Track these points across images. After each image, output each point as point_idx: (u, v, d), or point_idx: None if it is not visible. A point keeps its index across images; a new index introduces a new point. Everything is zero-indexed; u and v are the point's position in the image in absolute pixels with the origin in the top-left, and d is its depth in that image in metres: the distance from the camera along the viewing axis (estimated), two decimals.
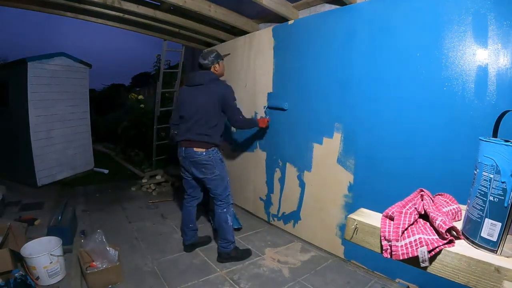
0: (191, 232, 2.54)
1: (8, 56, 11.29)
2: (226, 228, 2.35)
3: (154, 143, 5.17)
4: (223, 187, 2.33)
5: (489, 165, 0.63)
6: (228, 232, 2.36)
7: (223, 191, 2.33)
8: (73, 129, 4.85)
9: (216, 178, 2.29)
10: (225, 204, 2.36)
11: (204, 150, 2.23)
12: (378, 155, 2.11)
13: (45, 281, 1.97)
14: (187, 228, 2.53)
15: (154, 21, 3.20)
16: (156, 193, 4.14)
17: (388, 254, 0.71)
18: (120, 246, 2.34)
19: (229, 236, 2.36)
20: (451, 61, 1.71)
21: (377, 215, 0.82)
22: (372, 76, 2.10)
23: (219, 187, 2.32)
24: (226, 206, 2.36)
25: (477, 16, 1.60)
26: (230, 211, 2.39)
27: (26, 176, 4.21)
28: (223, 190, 2.33)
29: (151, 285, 2.07)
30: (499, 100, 1.55)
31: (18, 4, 2.75)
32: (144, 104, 6.47)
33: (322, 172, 2.53)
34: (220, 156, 2.33)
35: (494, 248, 0.61)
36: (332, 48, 2.36)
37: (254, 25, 3.19)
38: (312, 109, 2.56)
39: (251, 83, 3.24)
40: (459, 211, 0.82)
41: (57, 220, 2.57)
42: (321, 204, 2.56)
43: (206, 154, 2.23)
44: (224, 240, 2.37)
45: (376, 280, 2.15)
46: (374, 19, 2.08)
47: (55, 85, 4.38)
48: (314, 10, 2.58)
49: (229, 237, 2.37)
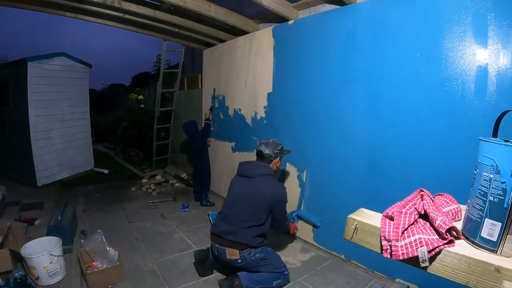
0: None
1: (8, 56, 11.28)
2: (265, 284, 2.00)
3: (154, 143, 5.17)
4: (275, 275, 2.04)
5: (489, 165, 0.63)
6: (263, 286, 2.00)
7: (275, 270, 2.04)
8: (73, 129, 4.85)
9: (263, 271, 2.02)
10: (278, 273, 2.05)
11: (238, 257, 1.98)
12: (381, 156, 2.11)
13: (45, 281, 1.97)
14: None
15: (154, 21, 3.20)
16: (156, 193, 4.13)
17: (388, 254, 0.71)
18: (120, 246, 2.34)
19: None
20: (451, 61, 1.72)
21: (377, 215, 0.82)
22: (372, 75, 2.11)
23: (271, 274, 2.04)
24: (280, 276, 2.05)
25: (477, 16, 1.60)
26: (281, 280, 2.05)
27: (26, 176, 4.21)
28: (275, 273, 2.04)
29: (151, 285, 2.07)
30: (499, 100, 1.55)
31: (18, 4, 2.75)
32: (144, 104, 6.47)
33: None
34: (259, 255, 2.00)
35: (494, 248, 0.61)
36: (332, 48, 2.36)
37: (254, 25, 3.19)
38: (311, 110, 2.56)
39: (251, 83, 3.24)
40: (459, 211, 0.82)
41: (57, 220, 2.57)
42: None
43: (241, 261, 1.99)
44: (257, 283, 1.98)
45: (376, 280, 2.15)
46: (374, 19, 2.08)
47: (55, 85, 4.39)
48: (314, 10, 2.58)
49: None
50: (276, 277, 2.03)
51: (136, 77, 14.66)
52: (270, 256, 2.06)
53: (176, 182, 4.48)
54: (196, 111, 4.61)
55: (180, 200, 3.87)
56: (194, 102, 4.75)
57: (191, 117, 4.90)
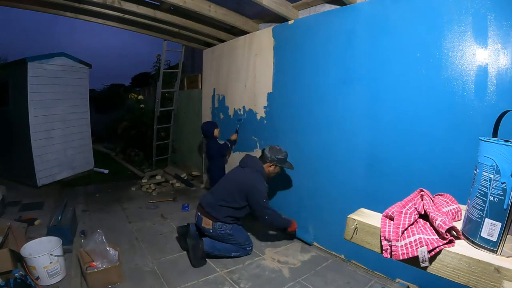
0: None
1: (8, 56, 11.26)
2: (226, 253, 2.38)
3: (154, 143, 5.17)
4: (236, 247, 2.40)
5: (489, 165, 0.63)
6: (223, 253, 2.38)
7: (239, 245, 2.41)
8: (73, 129, 4.85)
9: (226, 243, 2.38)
10: (242, 249, 2.42)
11: (211, 227, 2.35)
12: (381, 155, 2.11)
13: (45, 281, 1.97)
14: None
15: (154, 21, 3.20)
16: (156, 193, 4.13)
17: (388, 254, 0.71)
18: (120, 246, 2.34)
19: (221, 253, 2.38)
20: (451, 61, 1.71)
21: (377, 215, 0.82)
22: (372, 75, 2.11)
23: (233, 246, 2.40)
24: (242, 250, 2.43)
25: (477, 16, 1.60)
26: (240, 254, 2.43)
27: (26, 176, 4.21)
28: (238, 246, 2.40)
29: (151, 285, 2.07)
30: (499, 100, 1.55)
31: (18, 4, 2.75)
32: (144, 104, 6.47)
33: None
34: (228, 230, 2.36)
35: (494, 248, 0.61)
36: (332, 47, 2.36)
37: (254, 25, 3.19)
38: (311, 110, 2.56)
39: (251, 83, 3.24)
40: (459, 211, 0.82)
41: (57, 220, 2.58)
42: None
43: (213, 231, 2.35)
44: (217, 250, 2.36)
45: (376, 280, 2.15)
46: (374, 19, 2.08)
47: (55, 85, 4.38)
48: (314, 10, 2.58)
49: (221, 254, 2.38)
50: (236, 250, 2.39)
51: (136, 77, 14.66)
52: (238, 234, 2.40)
53: (176, 182, 4.47)
54: (196, 111, 4.61)
55: (180, 200, 3.87)
56: (194, 102, 4.75)
57: (191, 117, 4.91)
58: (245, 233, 2.49)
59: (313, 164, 2.60)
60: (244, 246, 2.42)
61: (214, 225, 2.33)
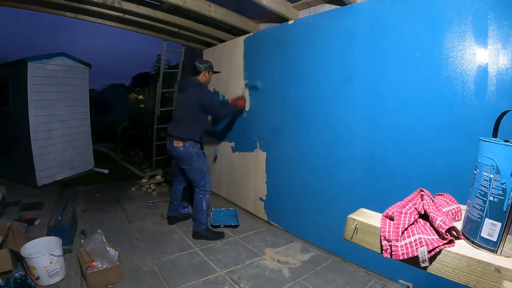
0: (174, 207, 3.08)
1: (8, 56, 11.28)
2: (201, 212, 2.72)
3: (154, 143, 5.17)
4: (200, 177, 2.70)
5: (489, 165, 0.63)
6: (202, 215, 2.73)
7: (200, 180, 2.71)
8: (73, 129, 4.85)
9: (192, 169, 2.69)
10: (202, 191, 2.72)
11: (181, 145, 2.63)
12: (381, 155, 2.11)
13: (45, 281, 1.97)
14: (172, 204, 3.08)
15: (154, 21, 3.20)
16: (156, 193, 4.13)
17: (388, 254, 0.71)
18: (120, 246, 2.35)
19: (203, 218, 2.73)
20: (451, 61, 1.71)
21: (377, 215, 0.82)
22: (372, 75, 2.11)
23: (196, 176, 2.71)
24: (203, 193, 2.72)
25: (477, 16, 1.60)
26: (206, 198, 2.74)
27: (26, 176, 4.21)
28: (200, 179, 2.71)
29: (151, 285, 2.07)
30: (499, 100, 1.55)
31: (18, 4, 2.75)
32: (144, 104, 6.47)
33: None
34: (196, 150, 2.69)
35: (494, 248, 0.61)
36: (332, 47, 2.36)
37: (254, 25, 3.19)
38: (311, 110, 2.56)
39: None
40: (459, 211, 0.82)
41: (57, 220, 2.57)
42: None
43: (183, 148, 2.63)
44: (198, 222, 2.74)
45: (376, 280, 2.15)
46: (374, 19, 2.08)
47: (55, 85, 4.38)
48: (314, 10, 2.58)
49: (203, 219, 2.73)
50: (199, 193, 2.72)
51: (136, 77, 14.65)
52: (202, 159, 2.75)
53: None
54: None
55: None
56: None
57: None
58: (206, 162, 2.84)
59: (313, 164, 2.60)
60: (204, 184, 2.71)
61: (184, 144, 2.62)
